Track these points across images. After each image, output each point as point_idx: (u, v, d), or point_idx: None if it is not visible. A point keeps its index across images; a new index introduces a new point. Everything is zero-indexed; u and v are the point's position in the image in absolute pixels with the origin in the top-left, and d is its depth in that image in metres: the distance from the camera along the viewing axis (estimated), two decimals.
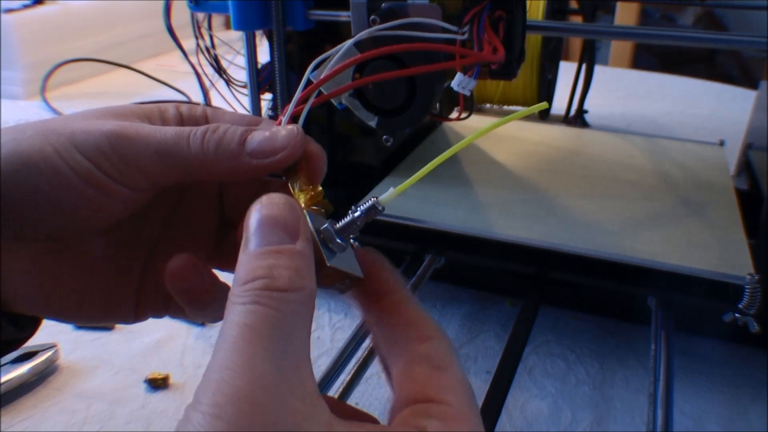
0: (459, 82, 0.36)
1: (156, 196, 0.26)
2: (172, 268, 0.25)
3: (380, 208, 0.22)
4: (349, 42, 0.27)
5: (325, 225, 0.22)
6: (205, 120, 0.27)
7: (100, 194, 0.23)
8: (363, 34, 0.29)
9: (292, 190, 0.25)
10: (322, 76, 0.26)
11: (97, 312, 0.27)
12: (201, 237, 0.29)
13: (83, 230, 0.25)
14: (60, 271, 0.25)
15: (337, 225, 0.22)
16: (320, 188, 0.25)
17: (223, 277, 0.28)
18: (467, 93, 0.37)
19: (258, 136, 0.24)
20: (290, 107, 0.26)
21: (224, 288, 0.26)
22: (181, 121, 0.27)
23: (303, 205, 0.24)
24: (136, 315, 0.27)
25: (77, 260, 0.26)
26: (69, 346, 0.52)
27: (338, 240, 0.22)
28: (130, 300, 0.27)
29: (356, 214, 0.22)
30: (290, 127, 0.25)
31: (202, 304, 0.26)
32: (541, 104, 0.23)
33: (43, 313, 0.26)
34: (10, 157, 0.22)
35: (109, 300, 0.27)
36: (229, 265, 0.28)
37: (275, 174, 0.26)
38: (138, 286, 0.27)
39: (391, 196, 0.22)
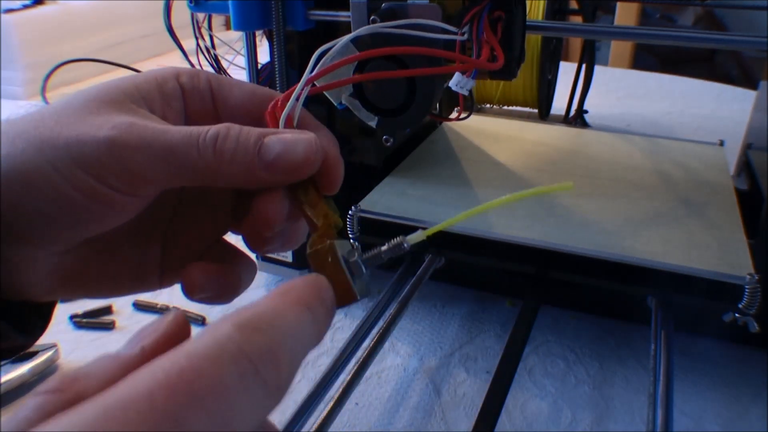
0: (457, 82, 0.36)
1: None
2: (188, 282, 0.25)
3: (406, 246, 0.23)
4: (345, 38, 0.27)
5: (355, 258, 0.23)
6: (209, 93, 0.26)
7: (106, 207, 0.22)
8: (361, 31, 0.29)
9: (300, 201, 0.24)
10: (315, 72, 0.25)
11: (124, 288, 0.27)
12: (217, 202, 0.28)
13: (94, 234, 0.24)
14: (82, 260, 0.25)
15: (364, 256, 0.23)
16: (332, 204, 0.24)
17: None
18: (465, 93, 0.37)
19: (275, 146, 0.23)
20: (289, 103, 0.25)
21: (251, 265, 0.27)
22: (183, 96, 0.26)
23: (319, 226, 0.24)
24: (161, 283, 0.27)
25: (98, 249, 0.25)
26: (69, 346, 0.52)
27: (363, 271, 0.23)
28: (155, 271, 0.27)
29: (383, 248, 0.23)
30: (307, 137, 0.23)
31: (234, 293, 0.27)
32: (566, 184, 0.23)
33: (69, 298, 0.26)
34: (7, 178, 0.21)
35: (134, 275, 0.27)
36: (245, 229, 0.28)
37: None
38: (162, 256, 0.27)
39: (419, 237, 0.23)
